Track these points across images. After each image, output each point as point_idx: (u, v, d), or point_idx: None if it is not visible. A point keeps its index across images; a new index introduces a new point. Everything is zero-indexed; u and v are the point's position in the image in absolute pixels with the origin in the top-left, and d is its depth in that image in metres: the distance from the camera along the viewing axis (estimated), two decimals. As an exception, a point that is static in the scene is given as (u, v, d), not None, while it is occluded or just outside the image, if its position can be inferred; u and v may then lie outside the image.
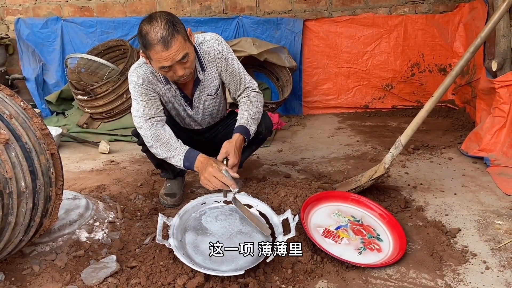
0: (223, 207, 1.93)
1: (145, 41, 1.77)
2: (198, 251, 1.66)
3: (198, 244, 1.69)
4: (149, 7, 4.29)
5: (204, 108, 2.20)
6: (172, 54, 1.76)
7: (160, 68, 1.83)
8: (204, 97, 2.15)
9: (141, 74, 1.98)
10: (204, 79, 2.08)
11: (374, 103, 4.19)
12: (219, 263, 1.60)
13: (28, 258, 1.66)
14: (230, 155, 1.92)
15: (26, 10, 4.42)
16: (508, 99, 2.59)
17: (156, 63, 1.81)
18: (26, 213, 1.45)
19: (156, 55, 1.77)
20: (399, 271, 1.67)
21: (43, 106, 4.30)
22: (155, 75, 2.01)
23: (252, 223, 1.79)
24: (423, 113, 2.22)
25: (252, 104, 2.11)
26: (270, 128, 2.30)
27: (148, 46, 1.77)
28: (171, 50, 1.75)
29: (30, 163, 1.44)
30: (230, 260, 1.62)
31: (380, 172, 2.19)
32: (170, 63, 1.79)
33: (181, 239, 1.71)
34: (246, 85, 2.14)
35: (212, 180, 1.82)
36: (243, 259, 1.62)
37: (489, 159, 2.60)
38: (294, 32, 4.07)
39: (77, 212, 1.88)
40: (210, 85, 2.12)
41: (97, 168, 2.95)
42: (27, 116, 1.52)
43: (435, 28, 3.99)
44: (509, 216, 2.03)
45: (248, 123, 2.05)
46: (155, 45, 1.74)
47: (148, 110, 1.98)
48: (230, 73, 2.10)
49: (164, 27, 1.74)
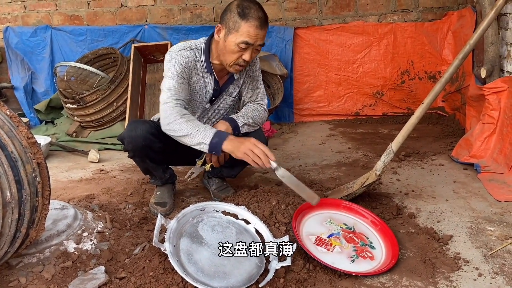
0: (221, 218, 1.89)
1: (244, 12, 1.88)
2: (191, 261, 1.62)
3: (192, 253, 1.66)
4: (139, 15, 4.28)
5: (220, 109, 2.25)
6: (260, 36, 1.91)
7: (242, 42, 1.90)
8: (225, 97, 2.22)
9: (186, 56, 2.03)
10: (238, 79, 2.19)
11: (365, 110, 4.20)
12: (211, 277, 1.57)
13: (14, 269, 1.62)
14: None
15: (15, 18, 4.39)
16: (497, 105, 2.61)
17: (241, 36, 1.89)
18: (11, 224, 1.42)
19: (249, 28, 1.88)
20: (392, 279, 1.66)
21: (32, 115, 4.25)
22: (198, 62, 2.08)
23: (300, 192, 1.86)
24: (413, 119, 2.23)
25: (254, 111, 2.18)
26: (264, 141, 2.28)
27: (246, 17, 1.87)
28: (262, 32, 1.91)
29: (15, 173, 1.41)
30: (222, 277, 1.58)
31: (372, 179, 2.18)
32: (253, 41, 1.90)
33: (175, 244, 1.68)
34: (258, 97, 2.25)
35: (255, 149, 1.79)
36: (235, 278, 1.59)
37: (479, 165, 2.61)
38: (285, 40, 4.09)
39: (65, 222, 1.84)
40: (236, 88, 2.22)
41: (86, 177, 2.91)
42: (13, 125, 1.50)
43: (424, 36, 4.03)
44: (500, 222, 2.03)
45: (237, 118, 2.09)
46: (254, 20, 1.87)
47: (179, 93, 1.97)
48: (251, 79, 2.22)
49: (263, 11, 1.92)
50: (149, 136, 2.07)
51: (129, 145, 2.10)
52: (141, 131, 2.05)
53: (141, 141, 2.06)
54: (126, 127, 2.14)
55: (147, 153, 2.13)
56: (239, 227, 1.86)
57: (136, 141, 2.07)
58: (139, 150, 2.11)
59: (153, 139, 2.08)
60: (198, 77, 2.11)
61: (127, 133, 2.10)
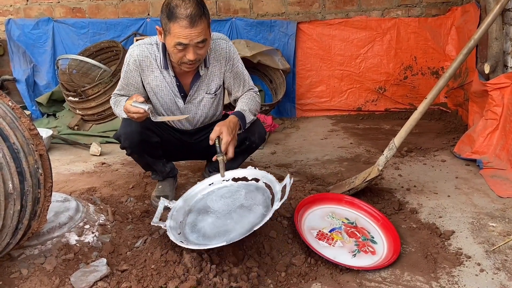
0: (232, 185, 1.93)
1: (171, 13, 1.78)
2: (194, 230, 1.67)
3: (196, 223, 1.70)
4: (142, 8, 4.26)
5: (200, 107, 2.18)
6: (194, 34, 1.78)
7: (176, 44, 1.82)
8: (202, 95, 2.13)
9: (136, 54, 2.00)
10: (204, 75, 2.08)
11: (367, 106, 4.19)
12: (211, 239, 1.61)
13: (16, 261, 1.62)
14: (223, 133, 1.88)
15: (17, 10, 4.37)
16: (500, 101, 2.59)
17: (174, 38, 1.80)
18: (13, 215, 1.42)
19: (178, 29, 1.77)
20: (394, 273, 1.66)
21: (34, 108, 4.24)
22: (153, 58, 2.01)
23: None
24: (416, 114, 2.22)
25: (252, 100, 2.13)
26: (263, 136, 2.27)
27: (173, 18, 1.77)
28: (195, 29, 1.77)
29: (18, 164, 1.40)
30: (222, 235, 1.62)
31: (374, 174, 2.18)
32: (188, 41, 1.79)
33: (182, 220, 1.73)
34: (249, 87, 2.17)
35: (129, 108, 1.84)
36: (236, 232, 1.62)
37: (482, 161, 2.60)
38: (288, 34, 4.07)
39: (67, 214, 1.84)
40: (210, 84, 2.11)
41: (88, 170, 2.91)
42: (15, 116, 1.49)
43: (427, 31, 4.00)
44: (502, 218, 2.03)
45: (244, 111, 2.05)
46: (182, 19, 1.76)
47: (123, 89, 2.10)
48: (234, 74, 2.12)
49: (195, 6, 1.77)
50: (145, 131, 2.05)
51: (126, 141, 2.09)
52: (136, 126, 2.02)
53: (137, 136, 2.05)
54: (120, 124, 2.11)
55: (145, 148, 2.12)
56: (250, 187, 1.89)
57: (133, 137, 2.05)
58: (136, 145, 2.09)
59: (149, 133, 2.08)
60: (158, 73, 2.04)
61: (122, 130, 2.08)
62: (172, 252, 1.62)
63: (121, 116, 2.07)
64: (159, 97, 2.11)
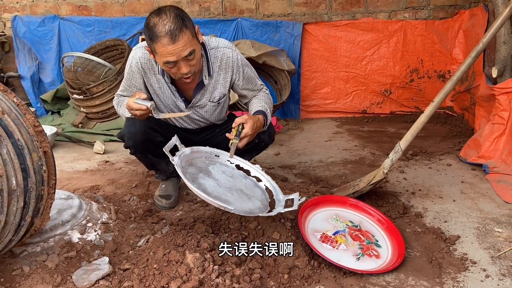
0: (234, 169, 1.94)
1: (151, 33, 1.72)
2: (195, 182, 1.68)
3: (197, 178, 1.72)
4: (147, 7, 4.26)
5: (203, 114, 2.16)
6: (178, 49, 1.72)
7: (164, 63, 1.78)
8: (205, 102, 2.11)
9: (138, 56, 1.97)
10: (208, 84, 2.04)
11: (372, 108, 4.17)
12: (213, 197, 1.62)
13: (18, 258, 1.62)
14: (248, 124, 1.82)
15: (23, 7, 4.38)
16: (508, 106, 2.57)
17: (161, 57, 1.76)
18: (16, 212, 1.41)
19: (162, 48, 1.72)
20: (398, 278, 1.64)
21: (38, 105, 4.25)
22: (154, 61, 1.96)
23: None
24: (423, 118, 2.20)
25: (267, 97, 2.14)
26: (273, 135, 2.25)
27: (154, 38, 1.72)
28: (178, 44, 1.71)
29: (22, 161, 1.40)
30: (223, 201, 1.66)
31: (379, 177, 2.16)
32: (175, 58, 1.74)
33: (183, 165, 1.73)
34: (256, 87, 2.18)
35: (132, 105, 1.83)
36: (237, 205, 1.66)
37: (488, 166, 2.57)
38: (293, 35, 4.06)
39: (70, 212, 1.84)
40: (214, 92, 2.08)
41: (92, 168, 2.91)
42: (20, 112, 1.49)
43: (434, 34, 3.98)
44: (508, 224, 2.00)
45: (267, 112, 2.02)
46: (162, 37, 1.70)
47: (125, 90, 2.08)
48: (246, 80, 2.11)
49: (173, 20, 1.70)
50: (149, 130, 2.04)
51: (129, 141, 2.07)
52: (139, 126, 2.01)
53: (141, 135, 2.03)
54: (124, 123, 2.09)
55: (148, 147, 2.11)
56: (250, 181, 1.92)
57: (136, 136, 2.04)
58: (139, 145, 2.08)
59: (153, 133, 2.06)
60: (160, 76, 2.01)
61: (126, 129, 2.07)
62: (174, 252, 1.61)
63: (124, 116, 2.06)
64: (161, 98, 2.10)
